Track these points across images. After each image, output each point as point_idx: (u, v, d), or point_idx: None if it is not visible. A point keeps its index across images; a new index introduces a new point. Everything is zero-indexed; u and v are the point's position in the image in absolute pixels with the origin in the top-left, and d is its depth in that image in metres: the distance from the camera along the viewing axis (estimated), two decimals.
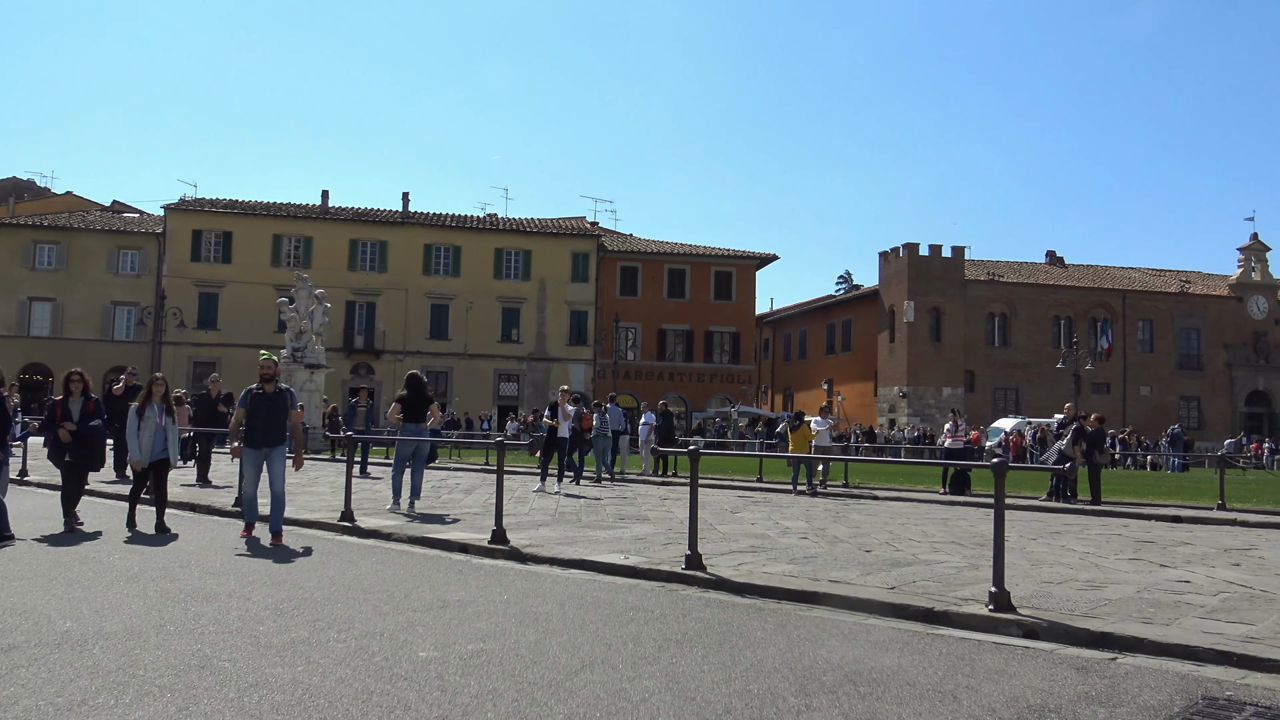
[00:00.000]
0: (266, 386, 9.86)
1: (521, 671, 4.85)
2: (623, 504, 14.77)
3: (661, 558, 8.69)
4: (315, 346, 36.03)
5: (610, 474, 20.55)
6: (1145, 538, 11.89)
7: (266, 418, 9.76)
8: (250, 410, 9.78)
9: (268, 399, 9.83)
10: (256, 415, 9.75)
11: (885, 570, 8.29)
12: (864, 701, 4.48)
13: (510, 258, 51.78)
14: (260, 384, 9.89)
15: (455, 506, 13.53)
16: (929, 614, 6.50)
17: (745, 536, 10.75)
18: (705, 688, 4.64)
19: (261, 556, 8.77)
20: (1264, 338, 55.79)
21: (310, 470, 21.67)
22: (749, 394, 54.52)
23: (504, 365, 51.24)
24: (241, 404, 9.94)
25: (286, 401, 9.94)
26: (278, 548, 9.30)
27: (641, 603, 6.90)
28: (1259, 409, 55.69)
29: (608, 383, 47.85)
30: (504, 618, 6.22)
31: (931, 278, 52.08)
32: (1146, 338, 55.25)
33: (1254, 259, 56.69)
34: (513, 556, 8.97)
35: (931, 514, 14.67)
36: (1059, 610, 6.58)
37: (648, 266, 53.55)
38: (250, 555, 8.81)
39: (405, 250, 50.90)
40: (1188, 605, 6.92)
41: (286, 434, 9.94)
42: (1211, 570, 8.91)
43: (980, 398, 51.99)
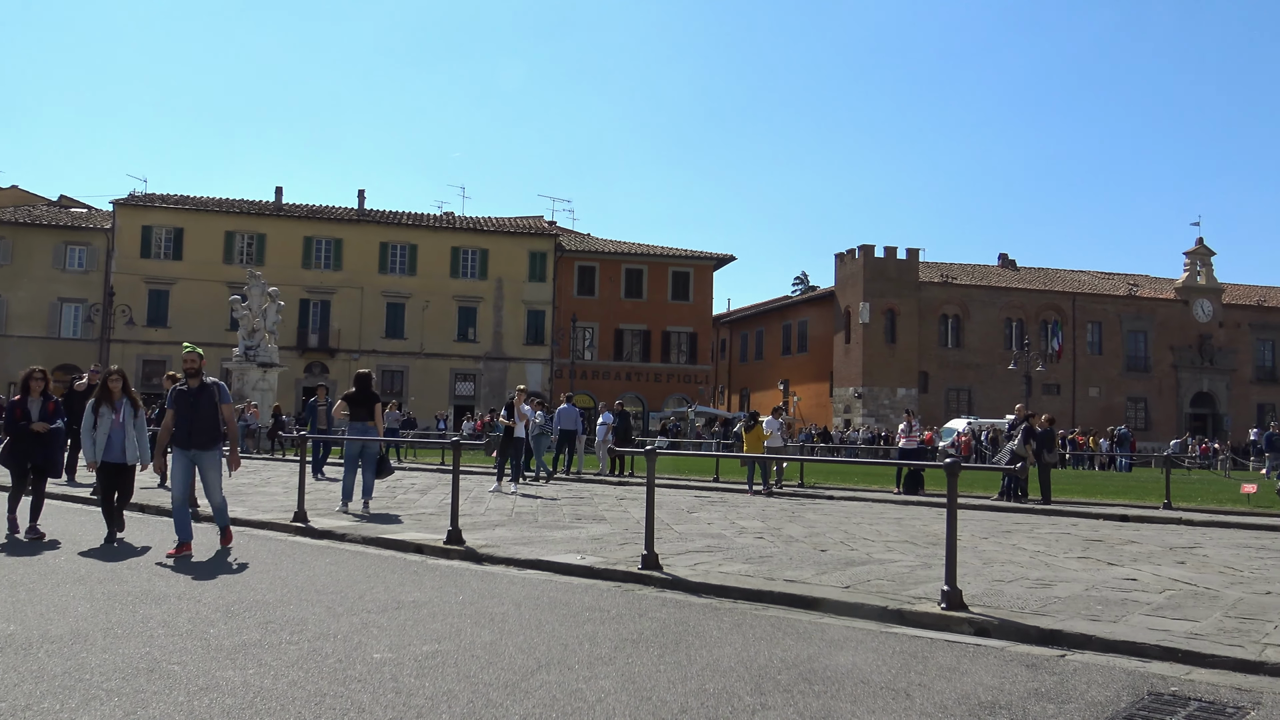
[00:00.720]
0: (191, 382, 8.93)
1: (477, 672, 4.83)
2: (579, 504, 14.75)
3: (618, 558, 8.69)
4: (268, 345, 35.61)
5: (547, 474, 20.48)
6: (1094, 536, 12.09)
7: (192, 416, 8.81)
8: (176, 409, 8.90)
9: (192, 395, 8.87)
10: (182, 414, 8.86)
11: (840, 569, 8.36)
12: (819, 700, 4.51)
13: (467, 256, 51.51)
14: (185, 379, 9.02)
15: (410, 507, 13.44)
16: (883, 612, 6.57)
17: (701, 536, 10.78)
18: (661, 687, 4.65)
19: (213, 558, 8.64)
20: (1208, 340, 56.99)
21: (263, 470, 21.42)
22: (706, 394, 54.70)
23: (460, 365, 50.96)
24: (169, 404, 9.07)
25: (214, 396, 8.93)
26: (227, 548, 9.07)
27: (598, 603, 6.90)
28: (1203, 410, 56.89)
29: (565, 382, 47.76)
30: (459, 618, 6.19)
31: (886, 279, 52.59)
32: (1095, 340, 56.23)
33: (1199, 263, 57.88)
34: (468, 557, 8.93)
35: (886, 513, 14.81)
36: (1010, 608, 6.67)
37: (605, 266, 53.53)
38: (201, 557, 8.67)
39: (360, 248, 50.45)
40: (1134, 603, 7.05)
41: (220, 434, 9.05)
42: (1157, 568, 9.08)
43: (934, 398, 52.59)
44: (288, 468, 21.60)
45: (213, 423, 8.91)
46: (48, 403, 9.92)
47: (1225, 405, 56.90)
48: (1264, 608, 6.98)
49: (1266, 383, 58.22)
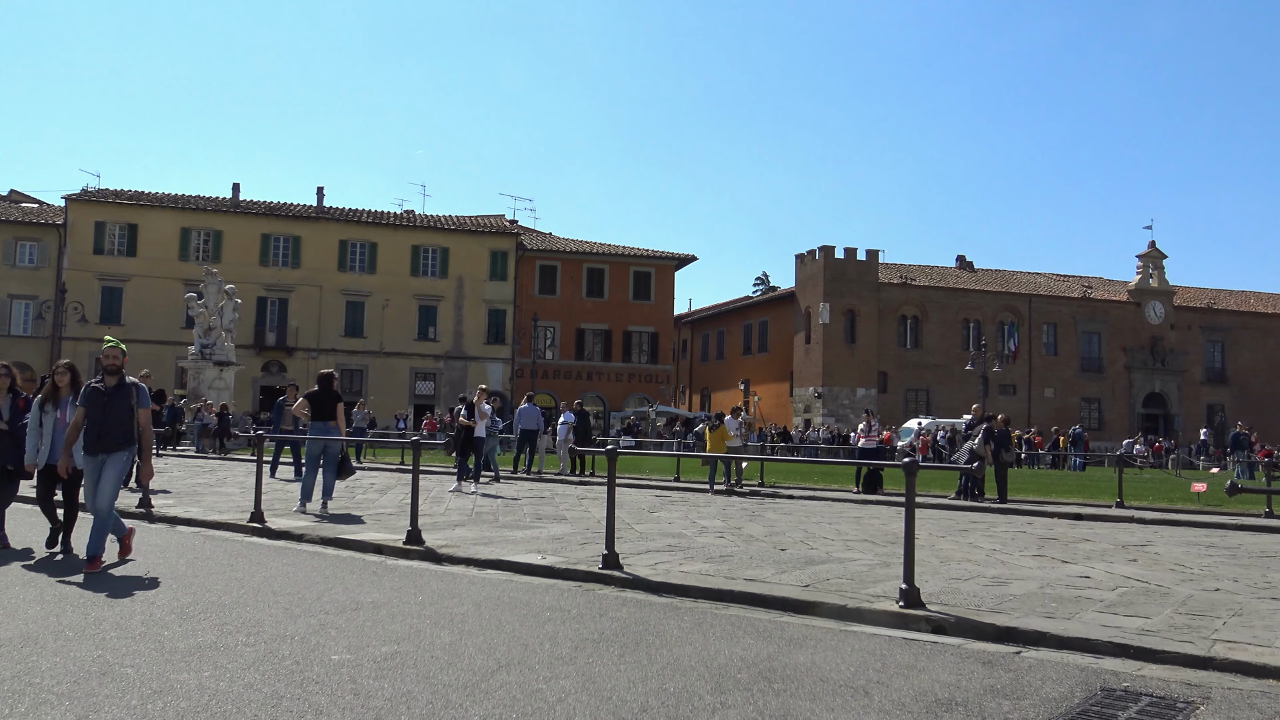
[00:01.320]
0: (108, 380, 8.10)
1: (436, 673, 4.80)
2: (540, 504, 14.72)
3: (579, 557, 8.68)
4: (225, 343, 35.21)
5: (494, 473, 20.42)
6: (1048, 535, 12.27)
7: (103, 418, 7.95)
8: (88, 409, 8.05)
9: (106, 395, 8.02)
10: (94, 415, 8.02)
11: (800, 568, 8.41)
12: (778, 698, 4.54)
13: (428, 255, 51.20)
14: (102, 376, 8.18)
15: (370, 507, 13.33)
16: (842, 611, 6.62)
17: (662, 536, 10.80)
18: (622, 687, 4.65)
19: (167, 559, 8.52)
20: (1160, 342, 58.00)
21: (219, 470, 21.17)
22: (667, 394, 54.79)
23: (420, 364, 50.63)
24: (80, 402, 8.19)
25: (131, 398, 8.11)
26: (100, 572, 7.63)
27: (558, 603, 6.89)
28: (1155, 410, 57.88)
29: (526, 382, 47.63)
30: (419, 619, 6.15)
31: (846, 280, 52.98)
32: (1051, 341, 57.01)
33: (1151, 266, 58.88)
34: (428, 557, 8.88)
35: (845, 513, 14.92)
36: (966, 606, 6.75)
37: (567, 266, 53.45)
38: (155, 558, 8.55)
39: (319, 246, 49.96)
40: (1088, 600, 7.16)
41: (132, 439, 8.18)
42: (1110, 566, 9.23)
43: (893, 398, 53.06)
44: (244, 468, 21.35)
45: (126, 427, 8.07)
46: (17, 399, 9.02)
47: (1176, 406, 57.92)
48: (1213, 604, 7.11)
49: (1216, 384, 59.35)
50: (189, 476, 18.72)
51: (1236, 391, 59.08)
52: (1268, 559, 10.25)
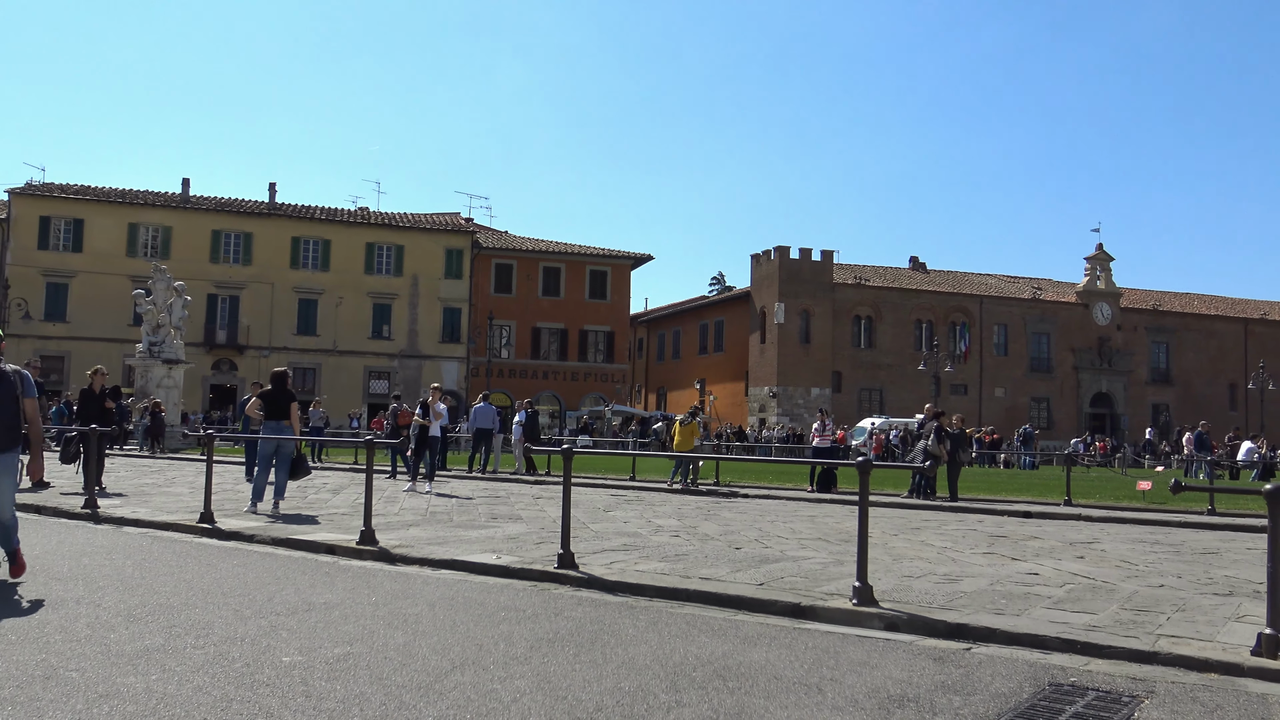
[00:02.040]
0: None
1: (390, 674, 4.76)
2: (495, 503, 14.66)
3: (534, 557, 8.65)
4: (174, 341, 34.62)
5: (425, 471, 20.37)
6: (998, 532, 12.44)
7: None
8: None
9: None
10: None
11: (754, 567, 8.45)
12: (733, 696, 4.56)
13: (382, 252, 50.76)
14: None
15: (322, 507, 13.19)
16: (796, 609, 6.66)
17: (618, 535, 10.80)
18: (577, 686, 4.64)
19: (113, 561, 8.36)
20: (1107, 343, 59.07)
21: (167, 470, 20.83)
22: (623, 393, 54.81)
23: (374, 362, 50.19)
24: None
25: (15, 388, 7.11)
26: (17, 581, 7.13)
27: (514, 602, 6.86)
28: (1102, 410, 58.94)
29: (481, 381, 47.41)
30: (372, 620, 6.10)
31: (801, 280, 53.33)
32: (1001, 341, 57.84)
33: (1099, 268, 59.95)
34: (382, 557, 8.80)
35: (800, 511, 15.02)
36: (918, 603, 6.82)
37: (523, 264, 53.26)
38: (101, 560, 8.39)
39: (271, 242, 49.32)
40: (1036, 596, 7.27)
41: (19, 434, 7.26)
42: (1058, 563, 9.38)
43: (847, 398, 53.51)
44: (194, 467, 21.03)
45: (12, 420, 7.11)
46: None
47: (1123, 405, 59.04)
48: (1158, 600, 7.26)
49: (1161, 384, 60.58)
50: (136, 476, 18.40)
51: (1180, 391, 60.36)
52: (1210, 555, 10.48)
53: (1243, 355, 60.44)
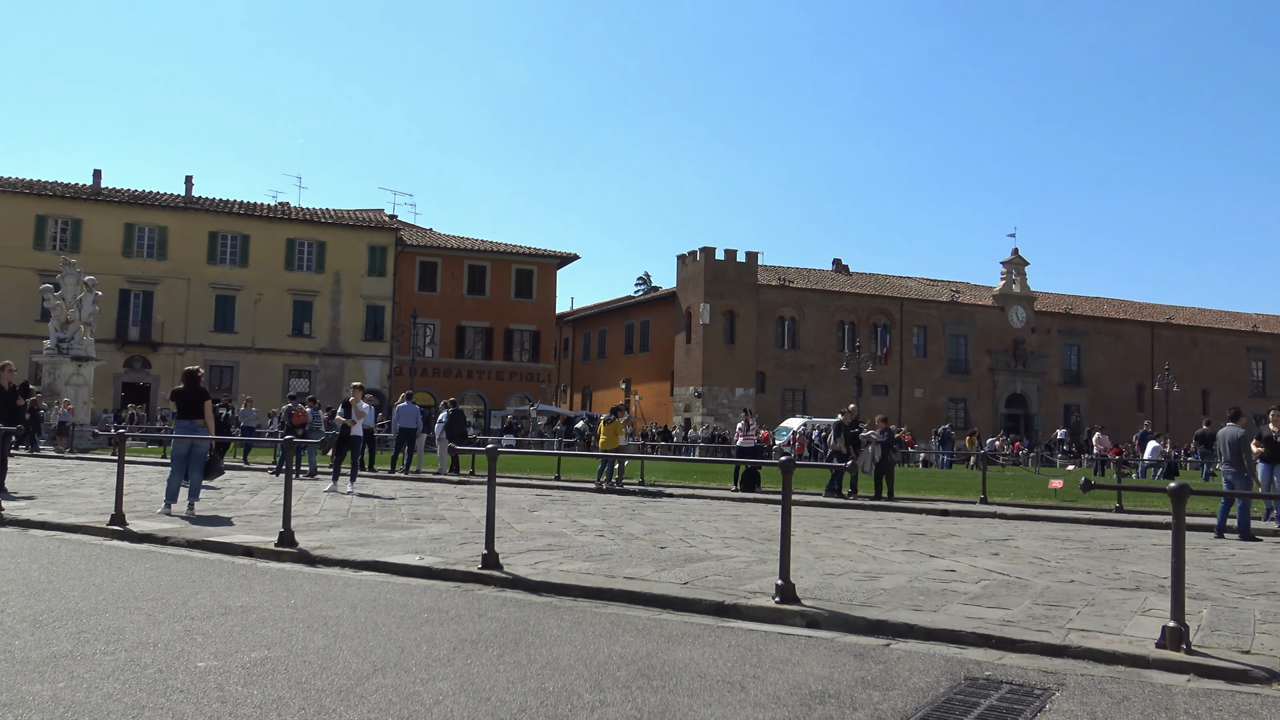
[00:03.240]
0: None
1: (309, 678, 4.68)
2: (418, 504, 14.50)
3: (457, 557, 8.59)
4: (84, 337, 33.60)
5: (309, 470, 20.23)
6: (917, 530, 12.69)
7: None
8: None
9: None
10: None
11: (679, 566, 8.49)
12: (656, 695, 4.58)
13: (303, 249, 49.81)
14: None
15: (240, 508, 12.91)
16: (720, 607, 6.71)
17: (542, 535, 10.77)
18: (500, 687, 4.62)
19: (18, 565, 8.07)
20: (1022, 345, 60.66)
21: (75, 470, 20.19)
22: (548, 392, 54.63)
23: (295, 360, 49.23)
24: None
25: None
26: None
27: (436, 604, 6.80)
28: (1017, 410, 60.52)
29: (404, 380, 46.83)
30: (291, 623, 5.99)
31: (726, 281, 53.75)
32: (921, 343, 59.02)
33: (1014, 272, 61.52)
34: (301, 559, 8.65)
35: (724, 511, 15.14)
36: (839, 600, 6.93)
37: (448, 262, 52.73)
38: (5, 563, 8.09)
39: (187, 237, 48.05)
40: (953, 593, 7.43)
41: None
42: (974, 560, 9.61)
43: (770, 398, 54.07)
44: (105, 468, 20.41)
45: None
46: None
47: (1036, 406, 60.68)
48: (1068, 595, 7.48)
49: (1072, 385, 62.42)
50: (43, 477, 17.79)
51: (1091, 392, 62.27)
52: (1118, 551, 10.83)
53: (1149, 358, 62.58)
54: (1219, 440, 13.69)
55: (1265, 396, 64.57)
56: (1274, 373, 66.71)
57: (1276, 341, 67.22)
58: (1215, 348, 65.30)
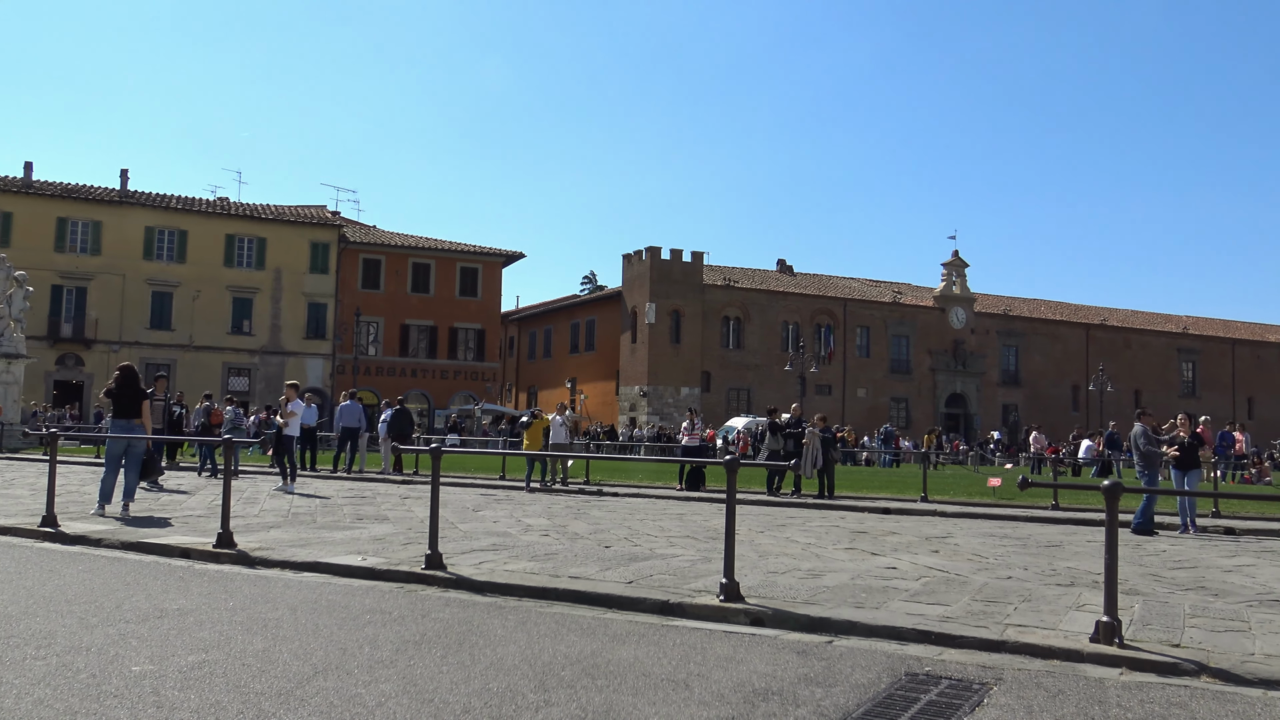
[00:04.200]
0: None
1: (248, 682, 4.61)
2: (361, 504, 14.34)
3: (401, 558, 8.51)
4: (14, 334, 32.70)
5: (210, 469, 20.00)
6: (859, 529, 12.84)
7: None
8: None
9: None
10: None
11: (624, 565, 8.50)
12: (601, 694, 4.58)
13: (243, 245, 48.96)
14: None
15: (176, 509, 12.66)
16: (664, 606, 6.73)
17: (487, 535, 10.71)
18: (444, 688, 4.59)
19: None
20: (962, 345, 61.67)
21: (6, 471, 19.66)
22: (493, 391, 54.34)
23: (234, 358, 48.39)
24: None
25: None
26: None
27: (379, 605, 6.73)
28: (956, 410, 61.50)
29: (347, 378, 46.27)
30: (229, 625, 5.89)
31: (672, 281, 53.90)
32: (864, 343, 59.72)
33: (955, 274, 62.52)
34: (240, 561, 8.51)
35: (669, 510, 15.18)
36: (783, 598, 6.98)
37: (391, 260, 52.20)
38: None
39: (123, 232, 46.97)
40: (894, 590, 7.53)
41: None
42: (915, 557, 9.75)
43: (716, 397, 54.34)
44: (36, 468, 19.89)
45: None
46: None
47: (976, 405, 61.71)
48: (1006, 591, 7.62)
49: (1010, 385, 63.60)
50: None
51: (1028, 393, 63.49)
52: (1054, 548, 11.05)
53: (1084, 358, 63.95)
54: (1130, 439, 14.09)
55: (1195, 397, 66.44)
56: (1204, 373, 68.59)
57: (1206, 343, 69.10)
58: (1147, 349, 66.95)
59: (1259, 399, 68.96)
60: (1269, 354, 70.64)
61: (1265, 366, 70.17)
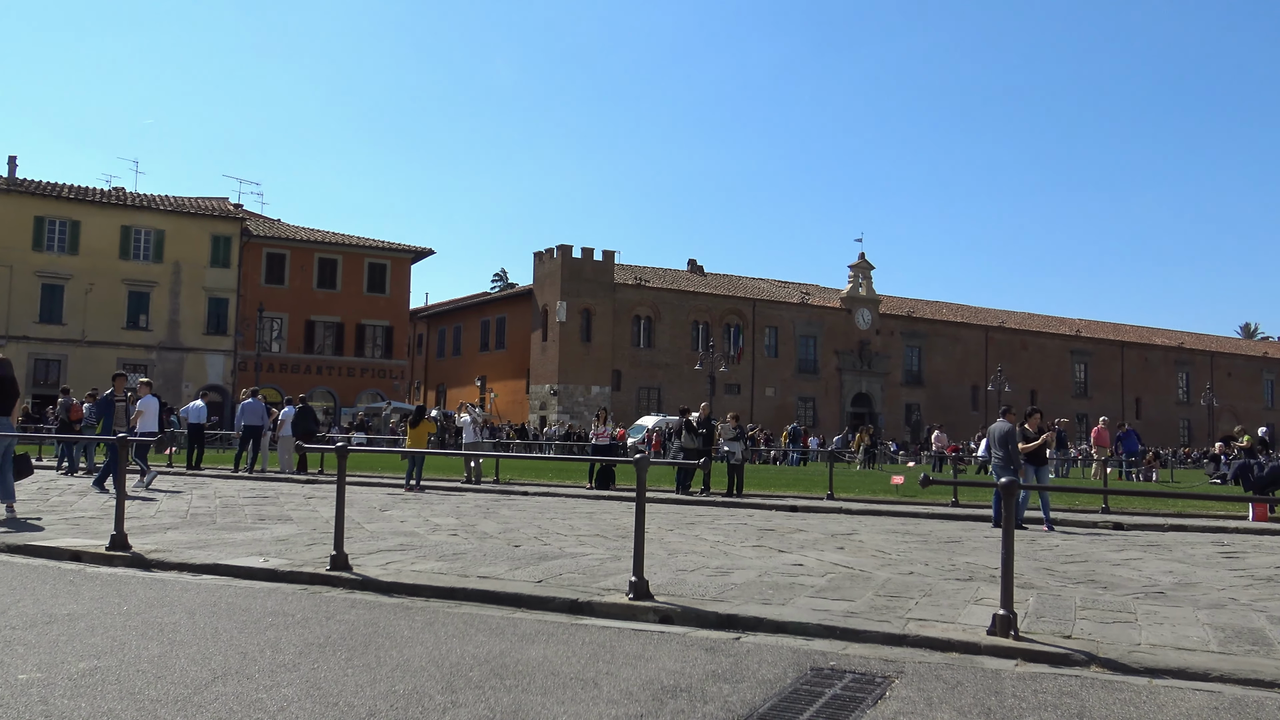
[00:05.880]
0: None
1: (143, 689, 4.46)
2: (263, 504, 14.00)
3: (305, 559, 8.33)
4: None
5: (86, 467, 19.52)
6: (767, 526, 13.01)
7: None
8: None
9: None
10: None
11: (533, 564, 8.47)
12: (509, 694, 4.55)
13: (140, 237, 47.29)
14: None
15: (66, 510, 12.18)
16: (573, 605, 6.72)
17: (394, 535, 10.56)
18: (349, 692, 4.51)
19: None
20: (867, 346, 62.95)
21: None
22: (401, 389, 53.56)
23: (130, 354, 46.67)
24: None
25: None
26: None
27: (282, 607, 6.58)
28: (862, 409, 62.74)
29: (250, 375, 45.10)
30: (123, 631, 5.69)
31: (583, 279, 53.85)
32: (772, 343, 60.51)
33: (861, 276, 63.79)
34: (135, 563, 8.23)
35: (579, 508, 15.16)
36: (692, 596, 7.04)
37: (297, 255, 51.01)
38: None
39: (10, 221, 44.92)
40: (800, 586, 7.65)
41: None
42: (821, 554, 9.92)
43: (626, 396, 54.46)
44: None
45: None
46: None
47: (880, 405, 63.04)
48: (908, 586, 7.80)
49: (913, 385, 65.17)
50: None
51: (930, 392, 65.13)
52: (953, 544, 11.36)
53: (984, 359, 65.86)
54: (989, 435, 14.58)
55: (1087, 397, 69.05)
56: (1095, 375, 71.24)
57: (1097, 345, 71.80)
58: (1043, 350, 69.27)
59: (1146, 400, 71.97)
60: (1155, 357, 73.79)
61: (1151, 369, 73.29)
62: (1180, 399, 74.00)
